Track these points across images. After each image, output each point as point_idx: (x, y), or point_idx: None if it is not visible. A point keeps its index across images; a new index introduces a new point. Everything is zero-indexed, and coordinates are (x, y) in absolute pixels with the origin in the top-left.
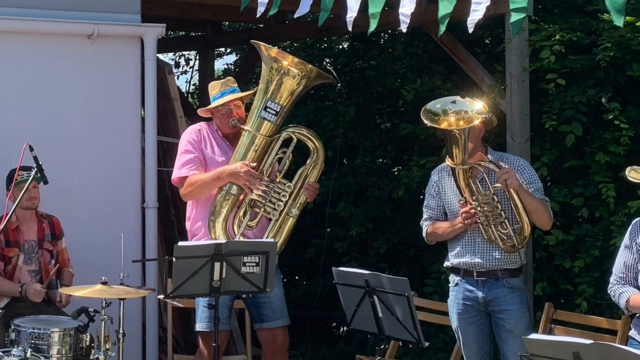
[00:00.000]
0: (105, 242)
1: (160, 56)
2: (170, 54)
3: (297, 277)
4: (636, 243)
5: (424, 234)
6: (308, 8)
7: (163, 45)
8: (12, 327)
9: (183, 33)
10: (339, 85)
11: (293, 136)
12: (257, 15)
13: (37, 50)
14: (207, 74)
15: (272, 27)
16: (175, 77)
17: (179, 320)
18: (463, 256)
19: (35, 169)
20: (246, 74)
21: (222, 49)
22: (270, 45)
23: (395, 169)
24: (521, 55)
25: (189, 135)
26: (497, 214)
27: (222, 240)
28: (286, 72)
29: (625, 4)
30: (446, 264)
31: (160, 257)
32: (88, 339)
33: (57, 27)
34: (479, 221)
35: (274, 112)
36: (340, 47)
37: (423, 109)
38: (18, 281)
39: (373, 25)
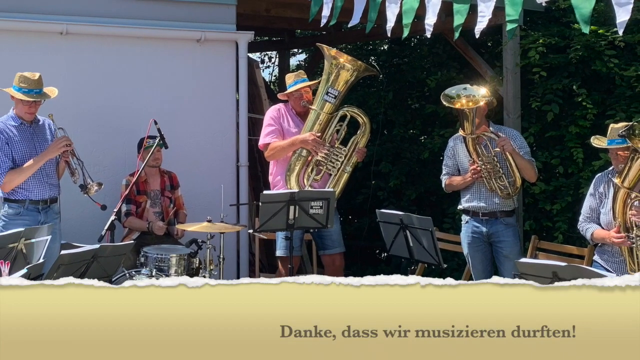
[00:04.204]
0: (210, 191)
1: (250, 55)
2: (257, 54)
3: (350, 217)
4: (598, 192)
5: (443, 185)
6: (358, 19)
7: (252, 47)
8: (142, 254)
9: (267, 38)
10: (380, 76)
11: (347, 113)
12: (322, 25)
13: (160, 51)
14: (284, 68)
15: (332, 33)
16: (261, 71)
17: (263, 248)
18: (472, 201)
19: (159, 138)
20: (313, 68)
21: (295, 50)
22: (331, 47)
23: (422, 138)
24: (514, 54)
25: (271, 112)
26: (496, 171)
27: (295, 190)
28: (342, 67)
29: (590, 16)
30: (459, 207)
31: (250, 202)
32: (197, 262)
33: (174, 34)
34: (483, 176)
35: (334, 96)
36: (382, 48)
37: (442, 93)
38: (146, 220)
39: (406, 32)
